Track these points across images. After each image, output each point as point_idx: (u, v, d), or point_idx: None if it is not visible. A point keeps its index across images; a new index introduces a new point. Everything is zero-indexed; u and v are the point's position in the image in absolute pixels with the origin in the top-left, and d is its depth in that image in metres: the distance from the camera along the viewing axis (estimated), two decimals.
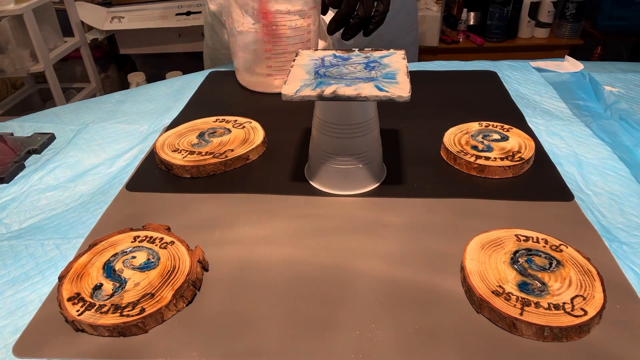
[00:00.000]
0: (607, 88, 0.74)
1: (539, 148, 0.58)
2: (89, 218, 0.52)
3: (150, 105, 0.78)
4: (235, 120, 0.66)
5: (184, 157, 0.58)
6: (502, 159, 0.55)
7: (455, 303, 0.39)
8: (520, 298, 0.38)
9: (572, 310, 0.36)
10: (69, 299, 0.39)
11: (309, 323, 0.38)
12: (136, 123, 0.72)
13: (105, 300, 0.39)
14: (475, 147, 0.57)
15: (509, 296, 0.38)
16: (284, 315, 0.39)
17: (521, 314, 0.36)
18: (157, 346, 0.37)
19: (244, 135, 0.62)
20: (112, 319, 0.38)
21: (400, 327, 0.38)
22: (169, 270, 0.42)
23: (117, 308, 0.38)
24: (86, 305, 0.39)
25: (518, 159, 0.55)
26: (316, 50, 0.55)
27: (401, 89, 0.45)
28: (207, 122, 0.66)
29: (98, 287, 0.41)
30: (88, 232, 0.49)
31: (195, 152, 0.59)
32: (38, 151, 0.65)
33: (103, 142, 0.68)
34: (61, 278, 0.42)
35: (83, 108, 0.79)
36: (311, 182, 0.55)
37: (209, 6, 0.90)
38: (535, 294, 0.38)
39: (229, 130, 0.63)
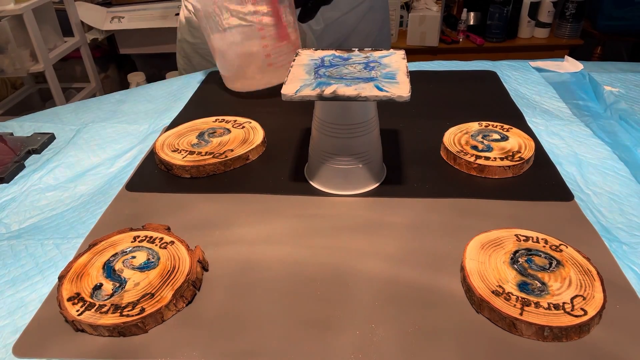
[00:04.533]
0: (607, 88, 0.74)
1: (538, 148, 0.58)
2: (89, 218, 0.52)
3: (150, 105, 0.78)
4: (235, 121, 0.66)
5: (183, 157, 0.58)
6: (502, 158, 0.55)
7: (455, 303, 0.39)
8: (520, 298, 0.38)
9: (572, 310, 0.36)
10: (68, 299, 0.39)
11: (308, 323, 0.38)
12: (136, 123, 0.72)
13: (105, 300, 0.39)
14: (475, 147, 0.57)
15: (509, 296, 0.38)
16: (284, 315, 0.39)
17: (521, 314, 0.36)
18: (157, 346, 0.37)
19: (243, 135, 0.62)
20: (112, 319, 0.38)
21: (400, 327, 0.38)
22: (169, 270, 0.42)
23: (117, 308, 0.38)
24: (86, 305, 0.39)
25: (518, 158, 0.55)
26: (316, 50, 0.55)
27: (401, 89, 0.45)
28: (206, 122, 0.66)
29: (98, 287, 0.41)
30: (88, 232, 0.49)
31: (195, 152, 0.59)
32: (38, 151, 0.65)
33: (103, 142, 0.68)
34: (61, 278, 0.42)
35: (83, 108, 0.79)
36: (311, 182, 0.55)
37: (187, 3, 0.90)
38: (535, 294, 0.38)
39: (229, 131, 0.63)
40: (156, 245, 0.45)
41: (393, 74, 0.48)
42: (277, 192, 0.53)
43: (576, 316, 0.36)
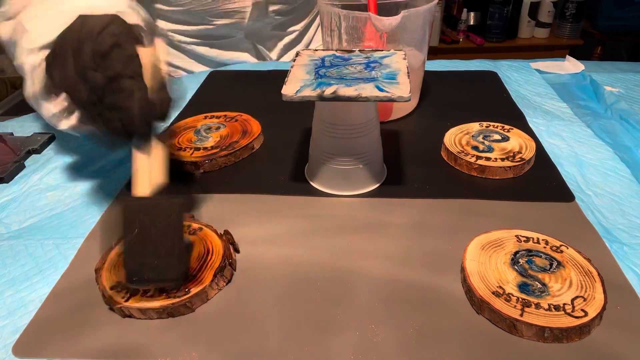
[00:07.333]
0: (607, 88, 0.74)
1: (539, 148, 0.58)
2: (89, 218, 0.52)
3: None
4: (225, 115, 0.67)
5: (191, 154, 0.58)
6: (502, 159, 0.55)
7: (455, 304, 0.39)
8: (520, 299, 0.38)
9: (572, 311, 0.36)
10: (111, 288, 0.40)
11: (308, 323, 0.38)
12: None
13: (149, 285, 0.40)
14: (475, 148, 0.57)
15: (509, 297, 0.38)
16: (283, 316, 0.39)
17: (521, 315, 0.36)
18: (157, 346, 0.37)
19: (241, 127, 0.64)
20: (159, 302, 0.39)
21: (400, 327, 0.38)
22: (204, 254, 0.43)
23: (162, 291, 0.40)
24: (130, 291, 0.40)
25: (519, 159, 0.55)
26: (316, 50, 0.55)
27: (401, 90, 0.45)
28: (197, 120, 0.67)
29: None
30: (88, 232, 0.49)
31: (200, 148, 0.59)
32: (38, 151, 0.65)
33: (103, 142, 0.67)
34: (97, 270, 0.42)
35: None
36: (311, 183, 0.55)
37: None
38: (536, 295, 0.38)
39: (224, 125, 0.65)
40: (185, 233, 0.46)
41: (394, 75, 0.48)
42: (277, 192, 0.53)
43: (577, 317, 0.36)
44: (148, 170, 0.40)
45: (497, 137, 0.59)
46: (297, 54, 0.54)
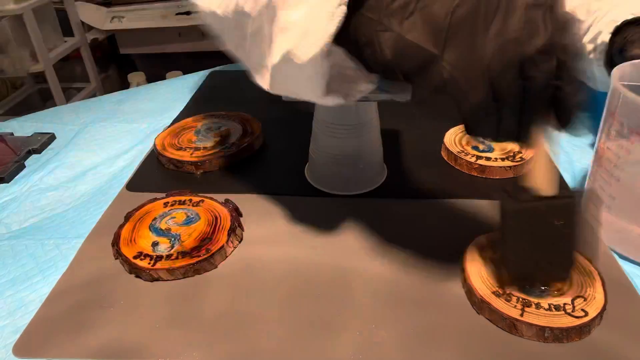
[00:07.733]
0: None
1: None
2: (89, 218, 0.52)
3: (150, 105, 0.78)
4: (225, 115, 0.67)
5: (191, 154, 0.58)
6: (503, 159, 0.55)
7: (455, 304, 0.39)
8: (520, 299, 0.38)
9: (572, 311, 0.36)
10: (134, 257, 0.43)
11: (309, 323, 0.38)
12: (136, 123, 0.72)
13: (170, 251, 0.43)
14: (476, 148, 0.57)
15: (510, 297, 0.38)
16: (284, 316, 0.39)
17: (522, 315, 0.36)
18: (157, 346, 0.37)
19: (241, 127, 0.64)
20: (185, 262, 0.42)
21: (401, 328, 0.37)
22: (213, 220, 0.47)
23: (184, 254, 0.43)
24: (154, 258, 0.43)
25: (519, 159, 0.55)
26: None
27: (402, 89, 0.44)
28: (197, 120, 0.67)
29: (156, 244, 0.44)
30: (88, 232, 0.49)
31: (200, 148, 0.59)
32: (38, 151, 0.65)
33: (103, 142, 0.67)
34: (114, 244, 0.45)
35: (83, 108, 0.79)
36: (311, 182, 0.55)
37: None
38: (536, 295, 0.38)
39: (224, 125, 0.65)
40: (187, 205, 0.49)
41: None
42: (277, 192, 0.53)
43: (577, 317, 0.36)
44: (550, 165, 0.35)
45: None
46: None
